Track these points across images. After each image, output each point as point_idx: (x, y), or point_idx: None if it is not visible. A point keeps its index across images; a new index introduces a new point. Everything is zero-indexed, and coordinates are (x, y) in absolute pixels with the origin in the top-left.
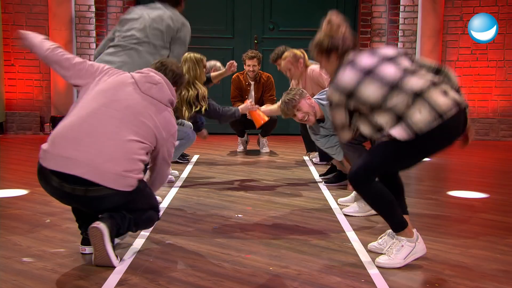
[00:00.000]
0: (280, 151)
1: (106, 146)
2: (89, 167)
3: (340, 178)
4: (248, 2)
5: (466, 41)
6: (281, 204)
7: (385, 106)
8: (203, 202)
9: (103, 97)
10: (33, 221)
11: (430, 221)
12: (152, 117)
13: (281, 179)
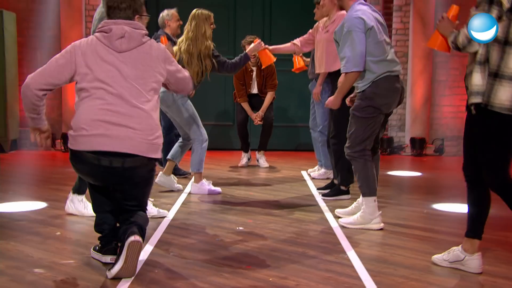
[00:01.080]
0: (279, 166)
1: (132, 122)
2: (122, 141)
3: (337, 192)
4: (248, 24)
5: (454, 62)
6: (280, 217)
7: None
8: (206, 215)
9: (103, 80)
10: (45, 233)
11: (422, 234)
12: (142, 66)
13: (280, 193)
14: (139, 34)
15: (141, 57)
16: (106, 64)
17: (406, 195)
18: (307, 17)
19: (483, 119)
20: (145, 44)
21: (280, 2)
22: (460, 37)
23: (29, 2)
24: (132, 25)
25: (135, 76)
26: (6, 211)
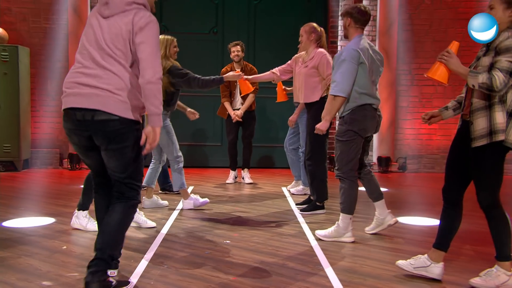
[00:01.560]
0: (262, 182)
1: (100, 82)
2: (90, 98)
3: (314, 207)
4: None
5: (414, 91)
6: (263, 231)
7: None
8: (197, 229)
9: (84, 44)
10: (52, 247)
11: (388, 245)
12: (116, 31)
13: (263, 208)
14: (122, 1)
15: (118, 23)
16: (90, 28)
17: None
18: (287, 48)
19: (492, 152)
20: (128, 11)
21: (263, 35)
22: (498, 80)
23: (41, 38)
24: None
25: (108, 40)
26: (18, 226)
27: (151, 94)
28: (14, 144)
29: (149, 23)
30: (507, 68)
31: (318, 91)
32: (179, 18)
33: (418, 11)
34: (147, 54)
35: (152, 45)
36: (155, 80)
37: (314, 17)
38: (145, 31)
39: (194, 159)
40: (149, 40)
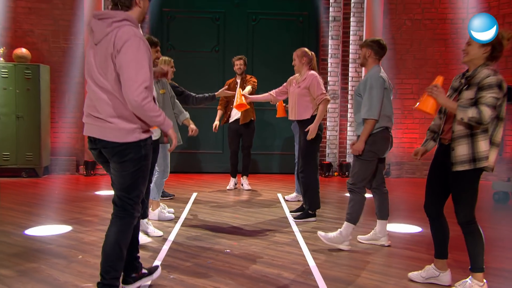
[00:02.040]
0: (259, 188)
1: (95, 111)
2: (91, 127)
3: (306, 215)
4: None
5: (397, 103)
6: (260, 239)
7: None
8: (200, 237)
9: (86, 73)
10: (69, 257)
11: (373, 253)
12: (104, 55)
13: (260, 215)
14: (102, 25)
15: (104, 48)
16: (87, 57)
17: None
18: (282, 64)
19: (472, 175)
20: (110, 33)
21: (260, 53)
22: (486, 114)
23: (60, 56)
24: (100, 16)
25: (99, 67)
26: (39, 234)
27: (142, 114)
28: (36, 153)
29: (126, 42)
30: (492, 103)
31: (310, 110)
32: (184, 37)
33: (400, 31)
34: (126, 78)
35: (129, 67)
36: (138, 104)
37: (307, 37)
38: (122, 52)
39: (197, 165)
40: (125, 63)
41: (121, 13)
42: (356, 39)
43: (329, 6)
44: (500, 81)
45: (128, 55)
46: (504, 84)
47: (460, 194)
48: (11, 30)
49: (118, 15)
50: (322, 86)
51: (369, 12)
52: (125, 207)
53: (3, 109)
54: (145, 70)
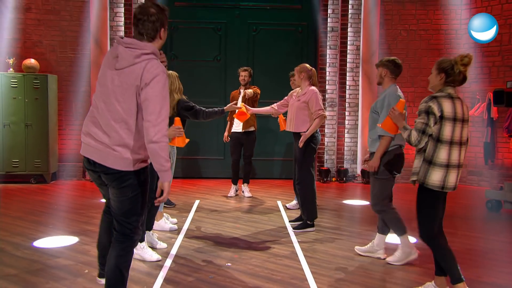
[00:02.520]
0: (260, 195)
1: (102, 136)
2: (92, 150)
3: (305, 226)
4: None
5: None
6: (260, 252)
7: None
8: (202, 250)
9: (99, 91)
10: (75, 271)
11: (370, 268)
12: (126, 85)
13: (260, 225)
14: (131, 54)
15: (128, 78)
16: (103, 78)
17: (358, 225)
18: (281, 73)
19: (421, 190)
20: (138, 64)
21: (261, 62)
22: (413, 137)
23: (68, 66)
24: (128, 45)
25: (118, 94)
26: (47, 247)
27: (154, 153)
28: (44, 160)
29: (156, 77)
30: (419, 128)
31: (307, 123)
32: (187, 47)
33: (396, 42)
34: (150, 112)
35: (155, 102)
36: (157, 139)
37: (306, 46)
38: (150, 86)
39: (199, 170)
40: (153, 97)
41: (149, 45)
42: (353, 49)
43: (327, 17)
44: (427, 107)
45: (155, 90)
46: (434, 109)
47: (416, 209)
48: (21, 41)
49: (147, 48)
50: (320, 102)
51: (366, 23)
52: (124, 232)
53: (13, 118)
54: (167, 107)
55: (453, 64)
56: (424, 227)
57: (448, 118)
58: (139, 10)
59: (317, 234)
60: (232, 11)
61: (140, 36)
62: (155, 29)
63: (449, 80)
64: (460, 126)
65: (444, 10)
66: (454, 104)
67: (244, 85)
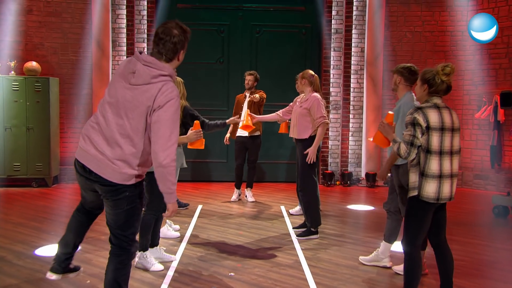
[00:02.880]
0: (263, 199)
1: (107, 149)
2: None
3: (308, 233)
4: (239, 83)
5: None
6: (263, 261)
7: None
8: (205, 258)
9: (107, 101)
10: (77, 282)
11: (374, 278)
12: (138, 103)
13: (263, 232)
14: (149, 74)
15: (142, 96)
16: (114, 89)
17: (362, 232)
18: (285, 76)
19: (414, 203)
20: (154, 84)
21: (264, 64)
22: (402, 150)
23: (69, 69)
24: (147, 63)
25: (128, 109)
26: (49, 255)
27: (162, 177)
28: (45, 163)
29: (170, 101)
30: (408, 141)
31: (309, 130)
32: (189, 49)
33: (401, 44)
34: (160, 136)
35: (166, 126)
36: (166, 163)
37: (309, 48)
38: (163, 109)
39: (202, 174)
40: (164, 121)
41: (168, 67)
42: (357, 51)
43: (331, 18)
44: (412, 119)
45: (168, 114)
46: (420, 120)
47: (405, 218)
48: (22, 44)
49: (165, 69)
50: (323, 109)
51: (370, 25)
52: (121, 245)
53: (14, 121)
54: (177, 132)
55: (435, 75)
56: (408, 237)
57: (435, 128)
58: (162, 29)
59: (321, 242)
60: (235, 12)
61: (159, 55)
62: (175, 51)
63: (432, 90)
64: (449, 135)
65: (450, 12)
66: (440, 113)
67: (249, 89)
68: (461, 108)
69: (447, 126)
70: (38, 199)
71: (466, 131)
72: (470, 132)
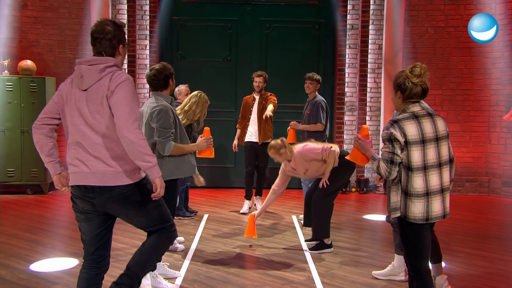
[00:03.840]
0: (273, 208)
1: (99, 154)
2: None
3: (322, 246)
4: (247, 83)
5: None
6: (274, 278)
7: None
8: (211, 275)
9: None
10: None
11: None
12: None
13: (274, 245)
14: (95, 70)
15: (98, 93)
16: (71, 102)
17: (379, 246)
18: (297, 76)
19: (403, 225)
20: (104, 77)
21: (274, 63)
22: (382, 169)
23: (67, 68)
24: (90, 63)
25: (94, 111)
26: (44, 271)
27: (135, 152)
28: (41, 169)
29: (121, 83)
30: (387, 158)
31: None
32: (195, 47)
33: (422, 40)
34: (119, 114)
35: (123, 104)
36: (134, 137)
37: (323, 46)
38: (116, 92)
39: (209, 179)
40: (119, 101)
41: (111, 59)
42: (375, 48)
43: (346, 13)
44: (388, 135)
45: (121, 94)
46: (397, 135)
47: (401, 244)
48: (16, 41)
49: (109, 61)
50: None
51: (389, 20)
52: (161, 233)
53: (8, 124)
54: (137, 109)
55: (405, 78)
56: (413, 263)
57: (414, 142)
58: (94, 28)
59: (335, 256)
60: (244, 7)
61: (99, 55)
62: (113, 46)
63: (406, 96)
64: (433, 146)
65: (477, 5)
66: (419, 124)
67: (259, 92)
68: (488, 110)
69: (428, 136)
70: (34, 207)
71: (494, 134)
72: (498, 136)
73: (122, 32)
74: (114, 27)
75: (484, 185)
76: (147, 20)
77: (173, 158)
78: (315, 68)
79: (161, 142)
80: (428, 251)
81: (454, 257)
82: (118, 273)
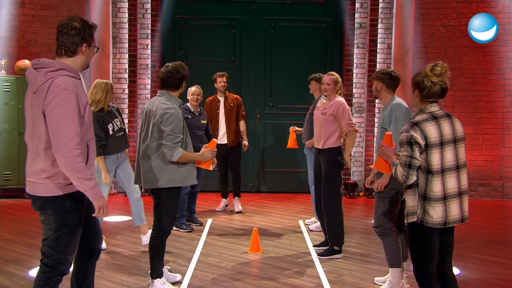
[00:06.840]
0: (279, 213)
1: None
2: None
3: (331, 252)
4: (252, 83)
5: None
6: (282, 285)
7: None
8: (217, 282)
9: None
10: None
11: None
12: (36, 106)
13: (281, 250)
14: (38, 74)
15: (38, 100)
16: (29, 107)
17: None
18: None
19: (417, 229)
20: (45, 83)
21: (279, 63)
22: (399, 173)
23: None
24: (35, 66)
25: (36, 120)
26: None
27: (69, 173)
28: None
29: (56, 96)
30: (405, 162)
31: (335, 139)
32: (198, 46)
33: (433, 39)
34: (54, 132)
35: (58, 121)
36: (69, 157)
37: (330, 45)
38: (50, 106)
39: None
40: (55, 117)
41: (58, 62)
42: (384, 48)
43: (354, 11)
44: (408, 137)
45: (56, 111)
46: (418, 138)
47: (409, 247)
48: (13, 40)
49: (53, 65)
50: (349, 115)
51: (398, 18)
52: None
53: (5, 126)
54: (75, 124)
55: (424, 77)
56: (419, 269)
57: (435, 145)
58: (62, 22)
59: (345, 262)
60: (248, 5)
61: (59, 50)
62: (75, 43)
63: (424, 95)
64: (451, 148)
65: (491, 3)
66: (439, 125)
67: (223, 92)
68: (502, 111)
69: (447, 138)
70: (31, 211)
71: (508, 137)
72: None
73: (89, 32)
74: (82, 25)
75: (498, 190)
76: (148, 19)
77: (177, 165)
78: (321, 68)
79: (170, 148)
80: (436, 255)
81: (469, 264)
82: None
